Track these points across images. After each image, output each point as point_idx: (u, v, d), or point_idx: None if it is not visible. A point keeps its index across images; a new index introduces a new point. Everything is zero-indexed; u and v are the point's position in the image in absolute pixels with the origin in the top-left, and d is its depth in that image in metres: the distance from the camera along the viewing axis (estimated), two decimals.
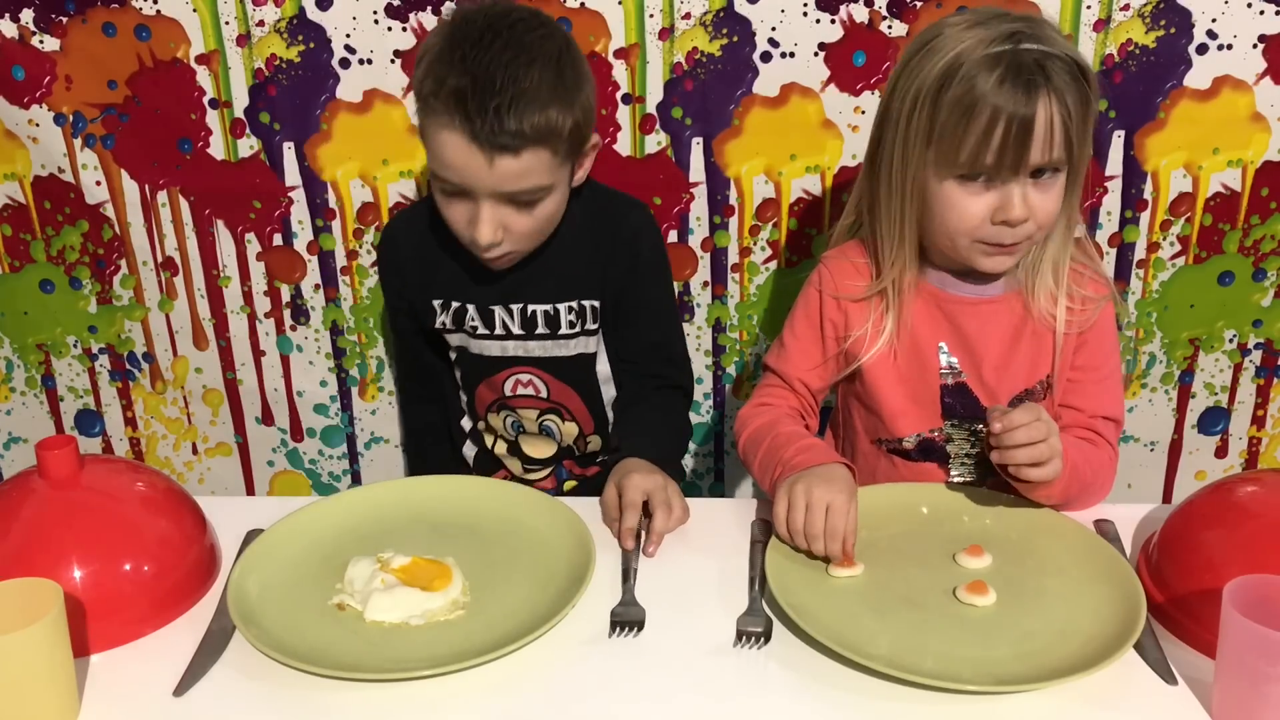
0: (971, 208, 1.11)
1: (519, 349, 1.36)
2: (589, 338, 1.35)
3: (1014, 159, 1.07)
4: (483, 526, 1.09)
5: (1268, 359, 1.64)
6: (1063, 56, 1.06)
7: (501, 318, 1.34)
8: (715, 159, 1.54)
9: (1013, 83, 1.05)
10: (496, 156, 1.13)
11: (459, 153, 1.13)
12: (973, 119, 1.06)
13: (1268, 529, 0.92)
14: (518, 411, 1.41)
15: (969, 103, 1.06)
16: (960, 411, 1.22)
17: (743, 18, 1.46)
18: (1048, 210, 1.12)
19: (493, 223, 1.18)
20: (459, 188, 1.17)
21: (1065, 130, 1.07)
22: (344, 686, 0.87)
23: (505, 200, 1.17)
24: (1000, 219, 1.10)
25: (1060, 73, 1.06)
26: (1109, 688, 0.85)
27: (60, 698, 0.84)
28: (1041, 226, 1.13)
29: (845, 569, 1.00)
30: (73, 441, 0.97)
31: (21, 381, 1.81)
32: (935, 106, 1.08)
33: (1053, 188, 1.11)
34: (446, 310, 1.36)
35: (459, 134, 1.12)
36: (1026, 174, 1.09)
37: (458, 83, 1.11)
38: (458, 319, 1.36)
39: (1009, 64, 1.05)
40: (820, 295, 1.25)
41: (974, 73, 1.06)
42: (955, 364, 1.21)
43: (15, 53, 1.55)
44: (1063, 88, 1.06)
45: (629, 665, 0.90)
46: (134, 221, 1.65)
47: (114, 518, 0.99)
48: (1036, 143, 1.06)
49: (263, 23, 1.51)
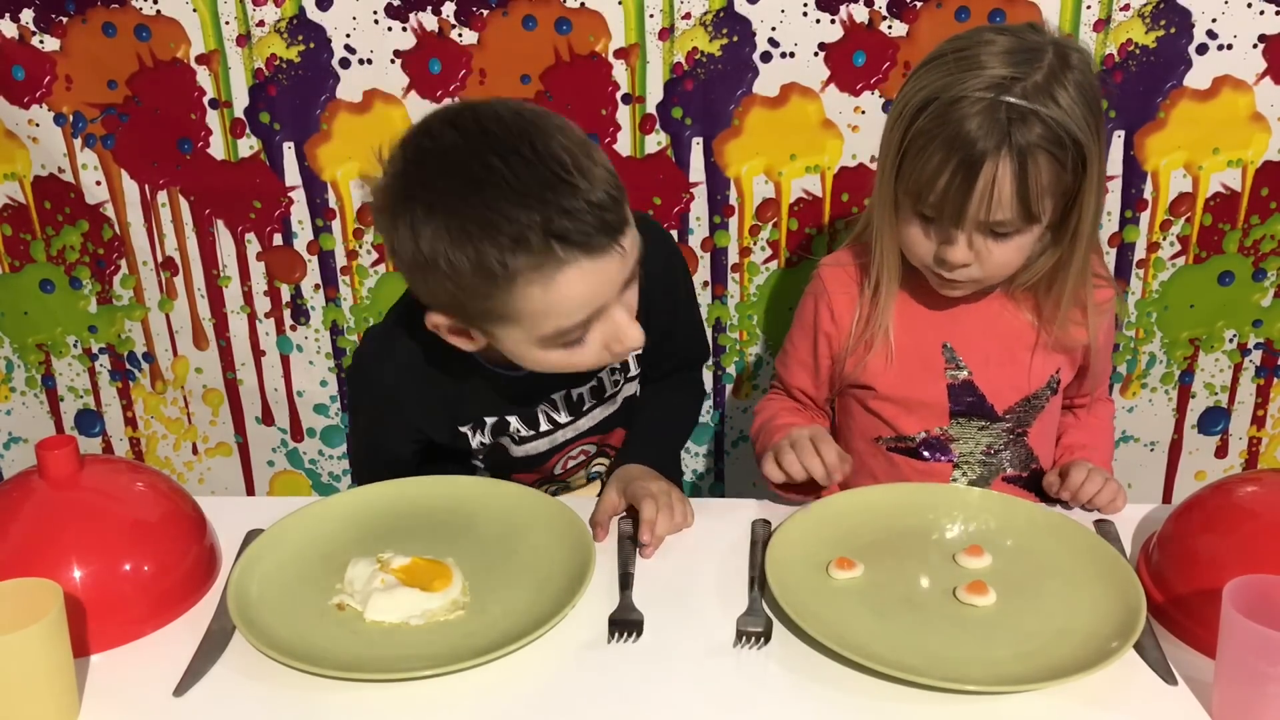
0: (919, 240, 1.12)
1: (569, 432, 1.23)
2: (633, 383, 1.25)
3: (953, 210, 1.06)
4: (483, 526, 1.09)
5: (1268, 359, 1.64)
6: (1048, 120, 1.02)
7: (546, 413, 1.19)
8: (715, 159, 1.54)
9: (973, 133, 1.02)
10: (613, 245, 0.94)
11: (587, 278, 0.94)
12: (926, 156, 1.05)
13: (1268, 529, 0.92)
14: (568, 483, 1.34)
15: (927, 139, 1.05)
16: (967, 410, 1.23)
17: (743, 18, 1.46)
18: (1000, 261, 1.10)
19: (635, 323, 1.01)
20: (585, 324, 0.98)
21: (1021, 193, 1.04)
22: (344, 686, 0.87)
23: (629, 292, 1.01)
24: (938, 260, 1.11)
25: (1035, 136, 1.02)
26: (1109, 688, 0.85)
27: (60, 698, 0.84)
28: (990, 275, 1.12)
29: (844, 570, 0.99)
30: (73, 441, 0.97)
31: (21, 381, 1.81)
32: (907, 128, 1.08)
33: (1010, 241, 1.09)
34: (480, 429, 1.18)
35: (582, 255, 0.92)
36: (970, 227, 1.07)
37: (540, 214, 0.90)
38: (497, 431, 1.19)
39: (979, 113, 1.02)
40: (816, 305, 1.25)
41: (944, 110, 1.04)
42: (961, 363, 1.21)
43: (15, 53, 1.55)
44: (1031, 151, 1.02)
45: (629, 665, 0.90)
46: (134, 221, 1.65)
47: (114, 518, 0.98)
48: (977, 198, 1.04)
49: (263, 23, 1.51)
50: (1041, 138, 1.03)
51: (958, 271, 1.11)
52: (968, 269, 1.11)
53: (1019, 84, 1.03)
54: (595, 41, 1.48)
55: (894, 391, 1.23)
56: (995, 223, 1.07)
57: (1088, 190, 1.07)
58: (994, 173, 1.03)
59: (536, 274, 0.92)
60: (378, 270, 1.65)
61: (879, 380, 1.23)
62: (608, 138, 1.53)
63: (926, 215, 1.10)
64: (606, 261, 0.94)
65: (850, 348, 1.23)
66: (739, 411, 1.72)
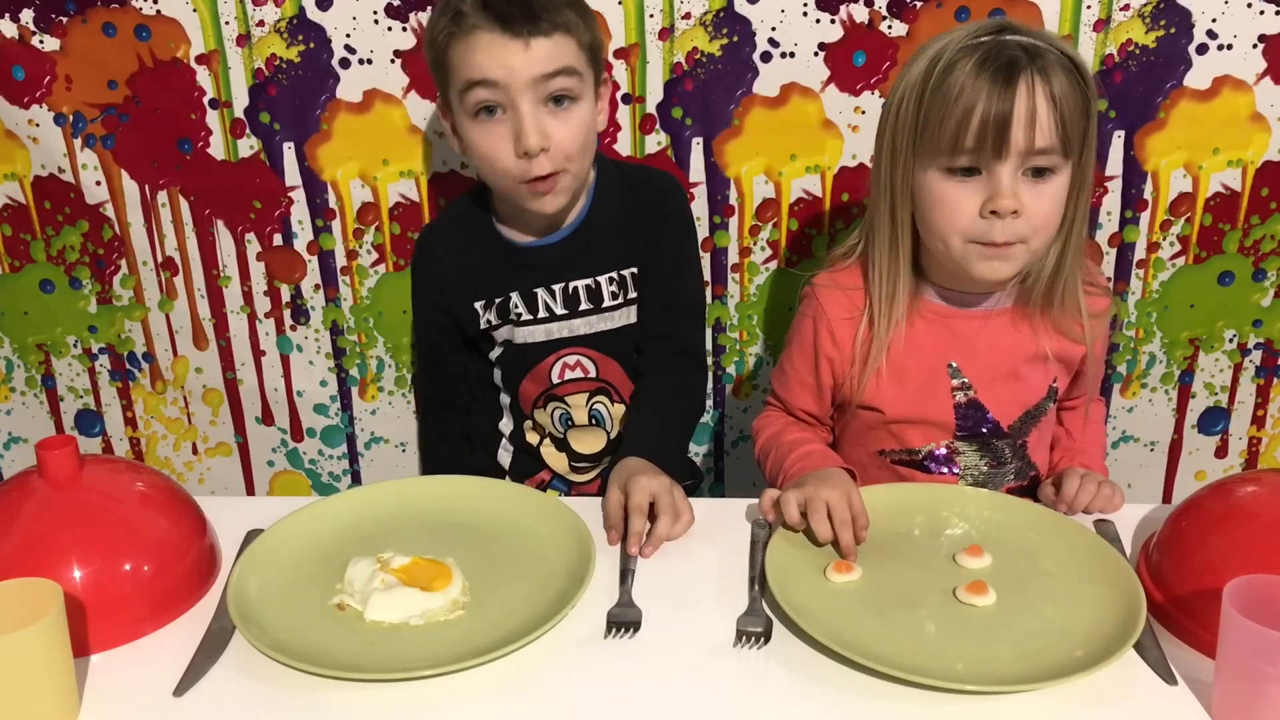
0: (961, 202, 1.08)
1: (564, 329, 1.37)
2: (631, 308, 1.38)
3: (995, 141, 1.04)
4: (483, 526, 1.09)
5: (1268, 359, 1.64)
6: (1052, 48, 1.04)
7: (544, 299, 1.36)
8: (715, 159, 1.54)
9: (994, 65, 1.03)
10: (531, 39, 1.17)
11: (493, 48, 1.17)
12: (953, 103, 1.05)
13: (1268, 529, 0.92)
14: (566, 401, 1.41)
15: (948, 87, 1.05)
16: (973, 426, 1.22)
17: (743, 18, 1.46)
18: (1043, 211, 1.08)
19: (536, 128, 1.20)
20: (494, 100, 1.20)
21: (1055, 117, 1.04)
22: (344, 686, 0.87)
23: (543, 102, 1.21)
24: (989, 210, 1.07)
25: (1049, 60, 1.04)
26: (1109, 688, 0.85)
27: (60, 698, 0.84)
28: (1036, 229, 1.09)
29: (843, 574, 0.99)
30: (72, 441, 0.97)
31: (21, 381, 1.81)
32: (920, 98, 1.08)
33: (1048, 188, 1.08)
34: (490, 307, 1.38)
35: (491, 30, 1.17)
36: (1015, 162, 1.06)
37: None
38: (501, 312, 1.38)
39: (990, 49, 1.04)
40: (815, 329, 1.23)
41: (955, 59, 1.05)
42: (967, 382, 1.21)
43: (15, 53, 1.55)
44: (1050, 73, 1.03)
45: (629, 665, 0.90)
46: (134, 221, 1.65)
47: (114, 518, 0.98)
48: (1019, 124, 1.03)
49: (263, 23, 1.51)
50: (1056, 61, 1.04)
51: (1009, 226, 1.07)
52: (1016, 224, 1.07)
53: (1008, 27, 1.06)
54: None
55: (901, 412, 1.22)
56: (1038, 151, 1.05)
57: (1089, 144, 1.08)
58: (1029, 93, 1.03)
59: (459, 30, 1.19)
60: (378, 270, 1.65)
61: (886, 403, 1.22)
62: (608, 138, 1.53)
63: (964, 168, 1.07)
64: (516, 45, 1.17)
65: (853, 371, 1.22)
66: (739, 411, 1.72)
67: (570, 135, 1.24)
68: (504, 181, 1.27)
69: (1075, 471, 1.15)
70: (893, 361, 1.20)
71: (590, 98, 1.26)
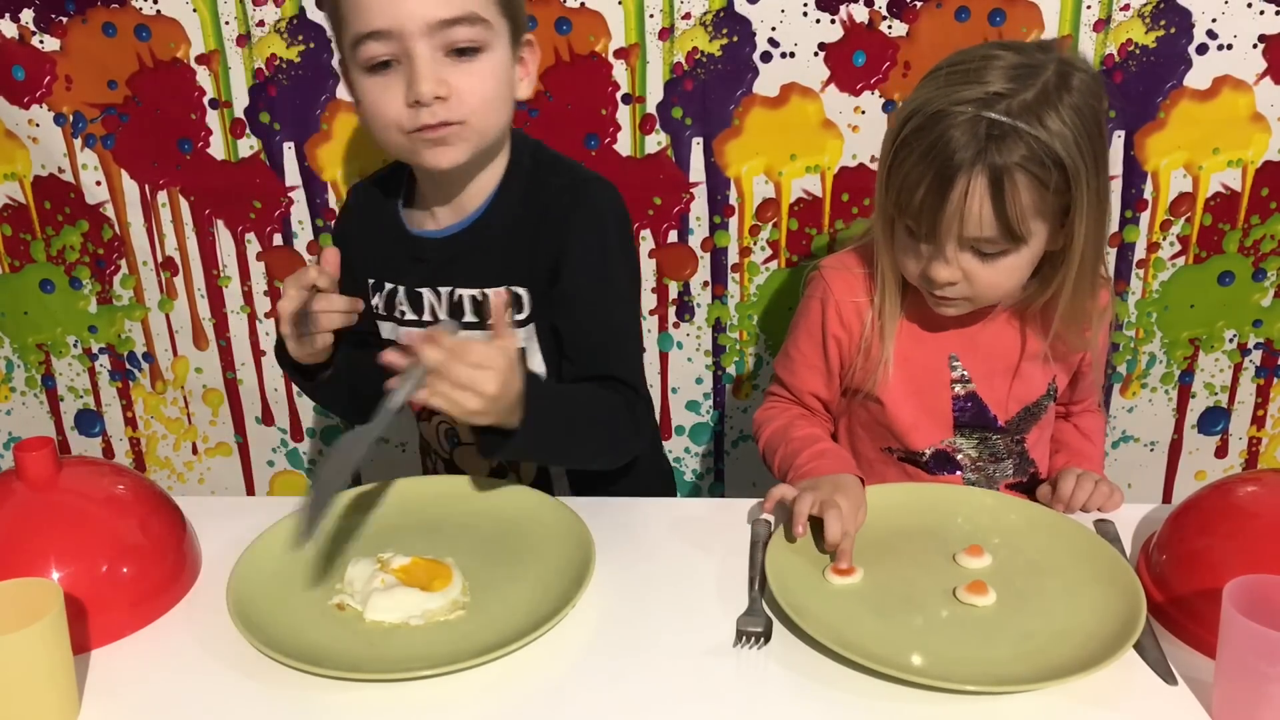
0: (909, 256, 1.11)
1: None
2: (523, 329, 1.19)
3: (929, 224, 1.05)
4: (483, 526, 1.09)
5: (1268, 359, 1.64)
6: (1029, 139, 1.00)
7: (430, 301, 1.22)
8: (715, 159, 1.54)
9: (949, 146, 1.01)
10: None
11: None
12: (908, 167, 1.05)
13: (1268, 529, 0.92)
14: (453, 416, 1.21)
15: (909, 150, 1.04)
16: (970, 421, 1.22)
17: (743, 18, 1.46)
18: (989, 282, 1.09)
19: (432, 75, 1.05)
20: (388, 54, 1.05)
21: (999, 212, 1.02)
22: (344, 686, 0.87)
23: (444, 52, 1.05)
24: (925, 278, 1.10)
25: (1015, 154, 1.00)
26: (1109, 688, 0.85)
27: (60, 697, 0.84)
28: (982, 296, 1.10)
29: (843, 576, 0.99)
30: (50, 443, 0.97)
31: (21, 381, 1.81)
32: (895, 137, 1.07)
33: (999, 262, 1.07)
34: (380, 291, 1.25)
35: None
36: (953, 242, 1.06)
37: None
38: (389, 303, 1.25)
39: (958, 126, 1.01)
40: (823, 308, 1.23)
41: (926, 122, 1.03)
42: (966, 375, 1.21)
43: (15, 53, 1.55)
44: (1008, 169, 1.00)
45: (629, 665, 0.90)
46: (134, 221, 1.65)
47: (92, 519, 0.98)
48: (950, 213, 1.03)
49: (263, 23, 1.51)
50: (1022, 157, 1.01)
51: (947, 289, 1.10)
52: (956, 287, 1.10)
53: (1006, 100, 1.01)
54: (595, 41, 1.48)
55: (901, 403, 1.22)
56: (976, 240, 1.05)
57: (1077, 214, 1.05)
58: (966, 187, 1.01)
59: None
60: None
61: (886, 392, 1.22)
62: (608, 138, 1.53)
63: (911, 229, 1.09)
64: None
65: (859, 355, 1.22)
66: (739, 411, 1.72)
67: (475, 86, 1.07)
68: (392, 135, 1.09)
69: (1072, 471, 1.15)
70: (898, 351, 1.21)
71: (503, 50, 1.10)
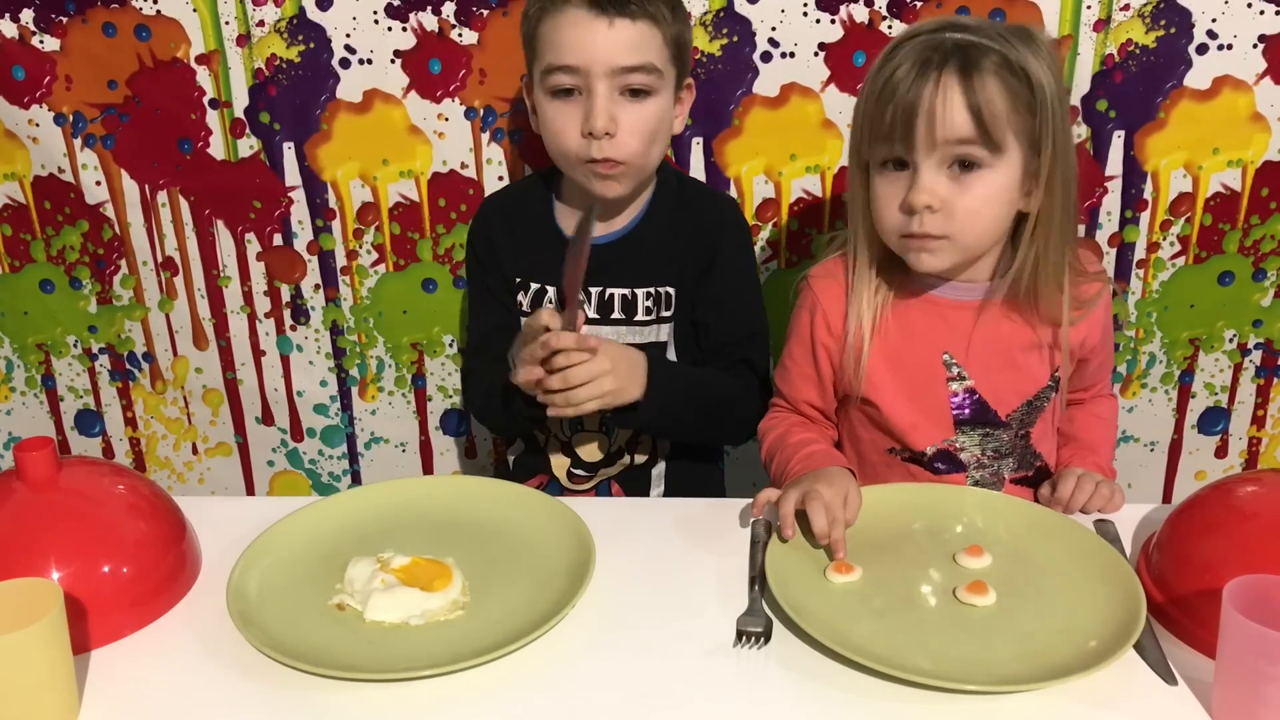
0: (891, 198, 1.11)
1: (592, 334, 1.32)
2: (662, 325, 1.37)
3: (903, 131, 1.06)
4: (483, 526, 1.09)
5: (1268, 359, 1.64)
6: (994, 48, 1.04)
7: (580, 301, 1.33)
8: (715, 159, 1.54)
9: (916, 60, 1.06)
10: (615, 19, 1.20)
11: (579, 25, 1.21)
12: (880, 98, 1.08)
13: (1268, 529, 0.92)
14: (582, 421, 1.40)
15: (879, 82, 1.08)
16: (971, 418, 1.22)
17: (743, 18, 1.46)
18: (968, 208, 1.08)
19: (606, 111, 1.22)
20: (572, 84, 1.23)
21: (972, 106, 1.04)
22: (344, 686, 0.87)
23: (619, 91, 1.23)
24: (906, 209, 1.09)
25: (985, 60, 1.04)
26: (1109, 688, 0.85)
27: (60, 697, 0.84)
28: (961, 229, 1.09)
29: (842, 575, 0.99)
30: (50, 443, 0.97)
31: (21, 381, 1.81)
32: (866, 94, 1.11)
33: (972, 185, 1.08)
34: (526, 291, 1.39)
35: (579, 7, 1.21)
36: (936, 156, 1.07)
37: None
38: (536, 302, 1.39)
39: (922, 46, 1.06)
40: (811, 319, 1.24)
41: (891, 57, 1.08)
42: (963, 372, 1.21)
43: (15, 53, 1.55)
44: (972, 70, 1.04)
45: (629, 665, 0.90)
46: (134, 221, 1.65)
47: (92, 519, 0.98)
48: (924, 117, 1.05)
49: (263, 23, 1.51)
50: (992, 63, 1.04)
51: (925, 220, 1.08)
52: (935, 219, 1.08)
53: (955, 25, 1.07)
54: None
55: (896, 404, 1.22)
56: (950, 142, 1.05)
57: (1045, 146, 1.07)
58: (938, 82, 1.04)
59: (551, 7, 1.23)
60: (378, 270, 1.65)
61: (878, 393, 1.22)
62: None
63: (896, 160, 1.10)
64: (600, 24, 1.21)
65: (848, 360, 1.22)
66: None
67: (637, 124, 1.25)
68: (567, 160, 1.28)
69: (1073, 471, 1.15)
70: (888, 352, 1.20)
71: (668, 95, 1.28)
